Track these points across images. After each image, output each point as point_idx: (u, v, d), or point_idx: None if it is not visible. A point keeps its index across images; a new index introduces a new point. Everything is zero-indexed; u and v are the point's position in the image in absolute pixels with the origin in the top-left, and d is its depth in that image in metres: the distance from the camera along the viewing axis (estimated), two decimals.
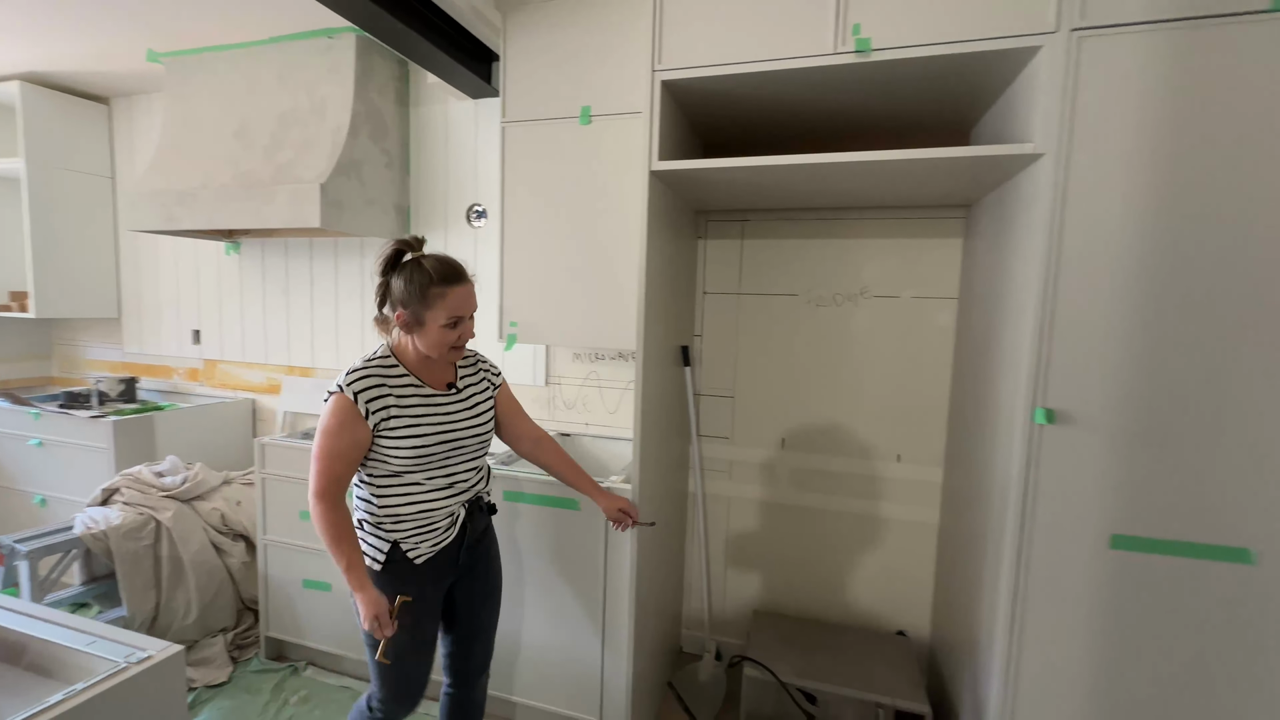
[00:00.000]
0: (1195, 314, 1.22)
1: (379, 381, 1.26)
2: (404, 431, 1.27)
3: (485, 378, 1.46)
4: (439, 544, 1.33)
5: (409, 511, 1.30)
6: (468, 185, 2.46)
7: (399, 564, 1.30)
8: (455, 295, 1.26)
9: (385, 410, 1.25)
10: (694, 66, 1.50)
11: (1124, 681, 1.31)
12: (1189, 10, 1.18)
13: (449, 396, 1.35)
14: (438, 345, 1.28)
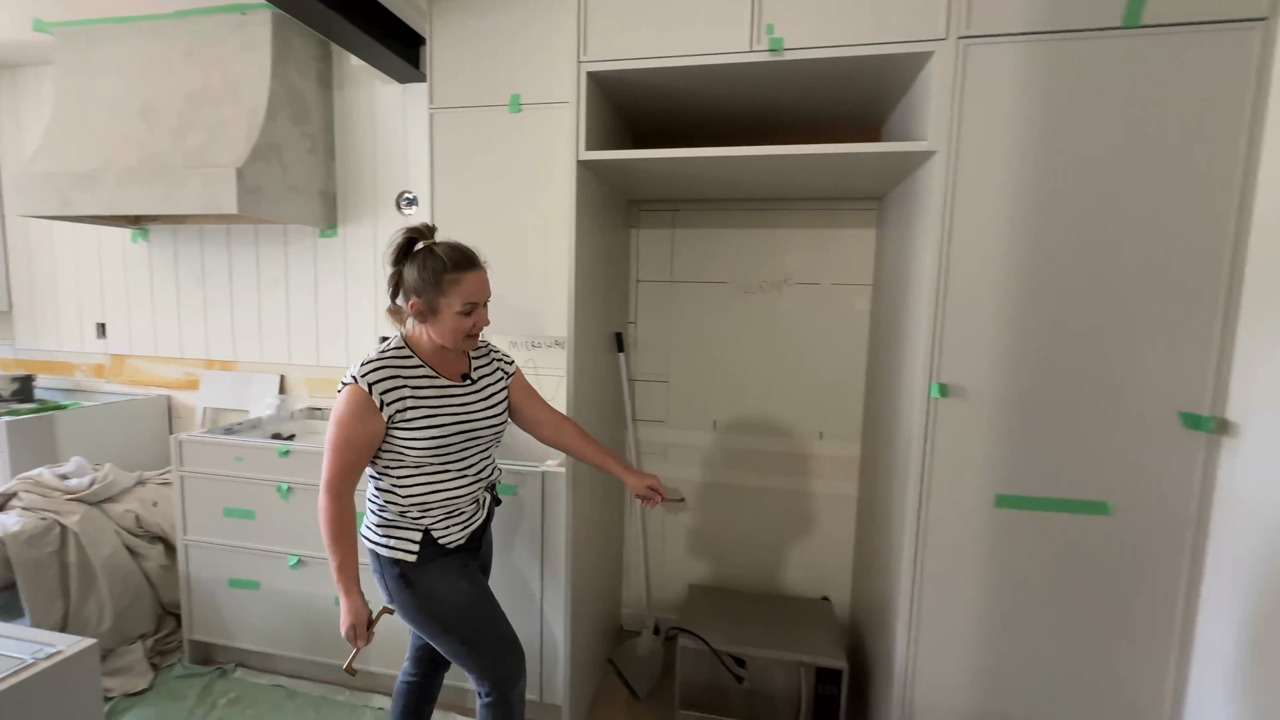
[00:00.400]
0: (1063, 297, 1.37)
1: (394, 373, 1.24)
2: (421, 423, 1.24)
3: (499, 368, 1.44)
4: (468, 527, 1.35)
5: (436, 499, 1.30)
6: (397, 172, 2.41)
7: (434, 549, 1.30)
8: (470, 281, 1.25)
9: (401, 402, 1.23)
10: (618, 59, 1.54)
11: (1009, 622, 1.47)
12: (1057, 25, 1.32)
13: (464, 388, 1.33)
14: (453, 333, 1.26)
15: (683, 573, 2.35)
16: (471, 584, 1.32)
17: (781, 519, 2.26)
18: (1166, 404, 1.34)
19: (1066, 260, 1.37)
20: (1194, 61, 1.27)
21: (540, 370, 2.36)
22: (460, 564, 1.33)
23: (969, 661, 1.50)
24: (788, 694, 1.84)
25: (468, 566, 1.35)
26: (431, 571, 1.28)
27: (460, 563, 1.33)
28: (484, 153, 1.95)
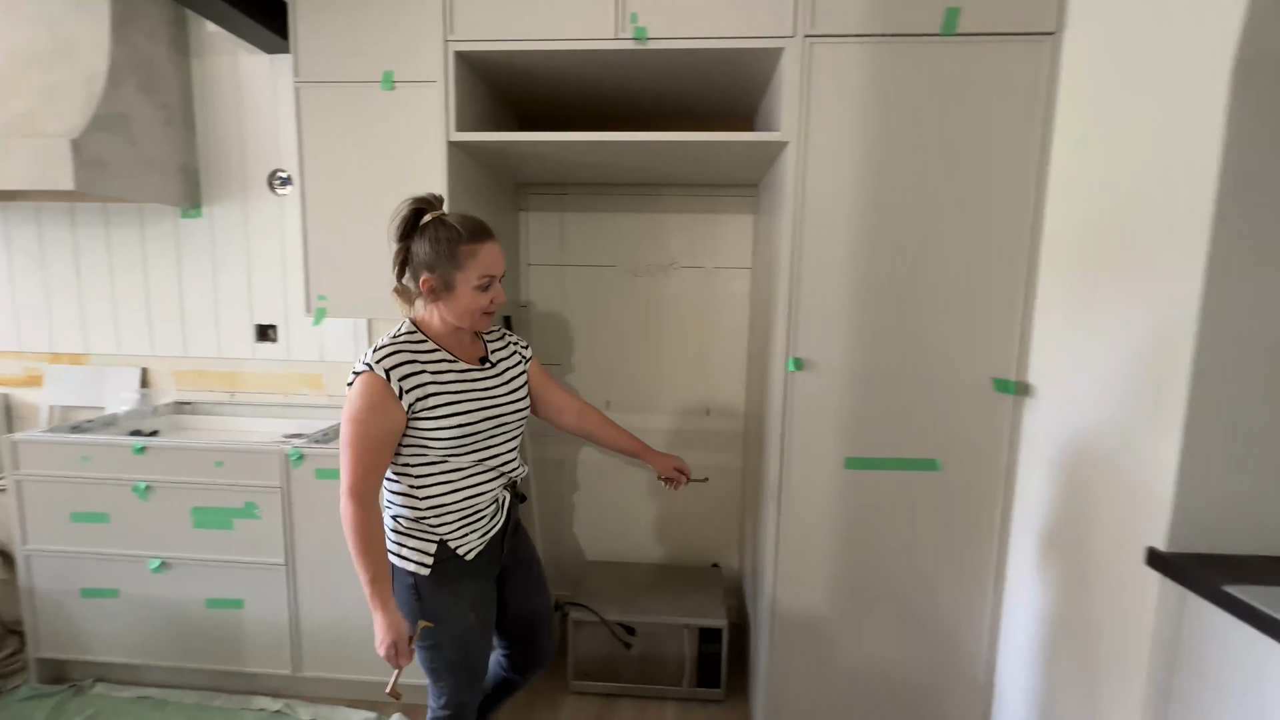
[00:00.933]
0: (898, 278, 1.52)
1: (411, 357, 1.14)
2: (445, 410, 1.14)
3: (515, 351, 1.35)
4: (487, 534, 1.23)
5: (453, 501, 1.18)
6: (268, 149, 2.27)
7: (449, 563, 1.19)
8: (487, 252, 1.16)
9: (422, 389, 1.13)
10: (486, 40, 1.53)
11: (858, 570, 1.63)
12: (888, 29, 1.45)
13: (484, 371, 1.24)
14: (469, 310, 1.17)
15: (582, 551, 2.40)
16: (478, 617, 1.25)
17: (674, 493, 2.36)
18: (982, 371, 1.53)
19: (900, 245, 1.52)
20: (999, 66, 1.44)
21: None
22: (476, 590, 1.24)
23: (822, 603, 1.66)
24: (675, 656, 1.95)
25: (483, 594, 1.26)
26: (445, 595, 1.19)
27: (476, 587, 1.24)
28: (357, 131, 1.87)
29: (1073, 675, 1.32)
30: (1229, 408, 1.04)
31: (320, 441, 1.88)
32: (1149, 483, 1.12)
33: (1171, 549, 1.08)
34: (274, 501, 1.80)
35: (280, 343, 2.35)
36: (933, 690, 1.66)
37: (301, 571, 1.82)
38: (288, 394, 2.38)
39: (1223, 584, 0.95)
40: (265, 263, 2.31)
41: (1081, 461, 1.31)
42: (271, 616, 1.85)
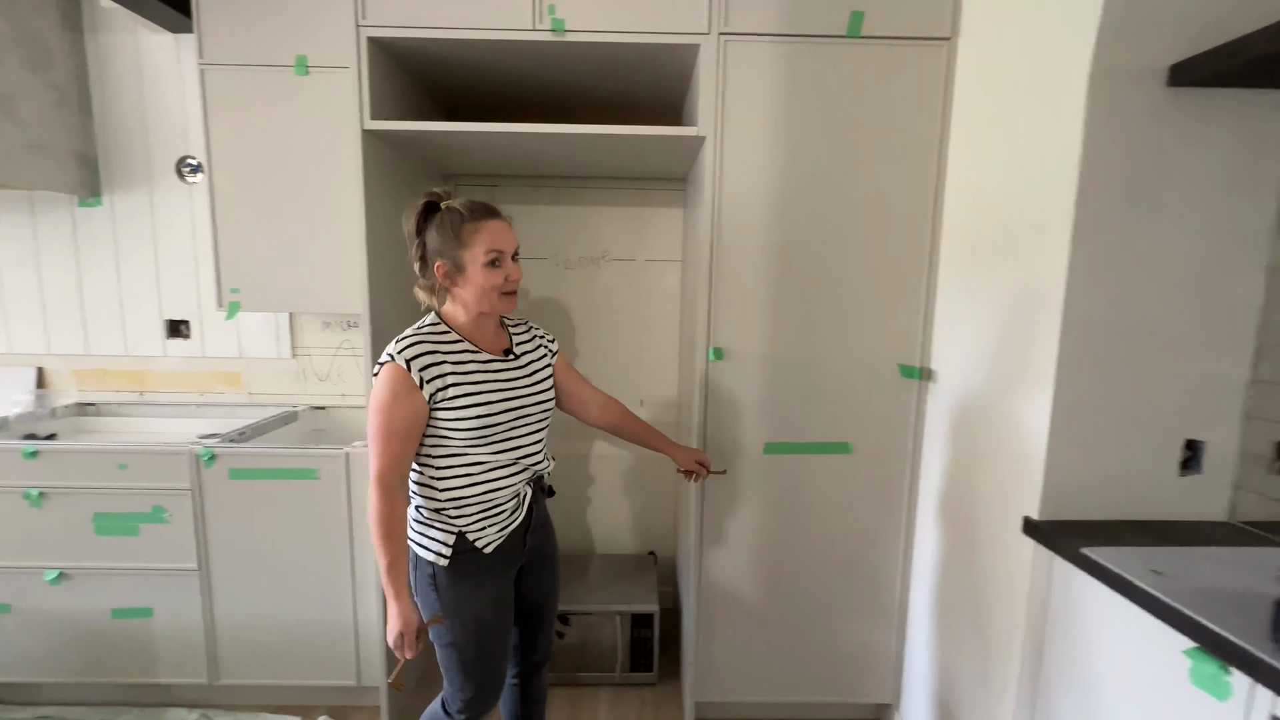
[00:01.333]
0: (810, 270, 1.59)
1: (432, 348, 1.14)
2: (466, 401, 1.14)
3: (541, 344, 1.34)
4: (506, 528, 1.22)
5: (473, 494, 1.18)
6: (176, 134, 2.14)
7: (468, 555, 1.19)
8: (492, 228, 1.16)
9: (442, 379, 1.13)
10: (400, 26, 1.50)
11: (780, 550, 1.70)
12: (798, 30, 1.50)
13: (508, 363, 1.23)
14: (485, 291, 1.16)
15: None
16: (495, 614, 1.24)
17: (612, 484, 2.39)
18: (889, 358, 1.62)
19: (813, 238, 1.58)
20: (901, 69, 1.52)
21: (360, 352, 2.26)
22: (493, 586, 1.23)
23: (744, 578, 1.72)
24: (609, 643, 1.98)
25: (500, 591, 1.25)
26: (462, 588, 1.19)
27: (493, 583, 1.23)
28: (270, 117, 1.81)
29: (967, 636, 1.42)
30: (1088, 387, 1.14)
31: (236, 440, 1.81)
32: (1026, 457, 1.22)
33: (1043, 517, 1.18)
34: (184, 505, 1.72)
35: (194, 339, 2.24)
36: (852, 659, 1.75)
37: (216, 576, 1.75)
38: (204, 393, 2.27)
39: (1081, 547, 1.05)
40: (175, 255, 2.19)
41: (973, 440, 1.41)
42: (184, 624, 1.77)
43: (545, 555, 1.37)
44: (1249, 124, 1.08)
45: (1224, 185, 1.09)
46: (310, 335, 2.24)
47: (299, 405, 2.23)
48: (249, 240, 1.86)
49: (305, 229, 1.86)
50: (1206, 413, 1.16)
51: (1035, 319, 1.20)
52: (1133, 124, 1.08)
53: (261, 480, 1.72)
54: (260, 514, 1.73)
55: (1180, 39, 1.05)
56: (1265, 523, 1.13)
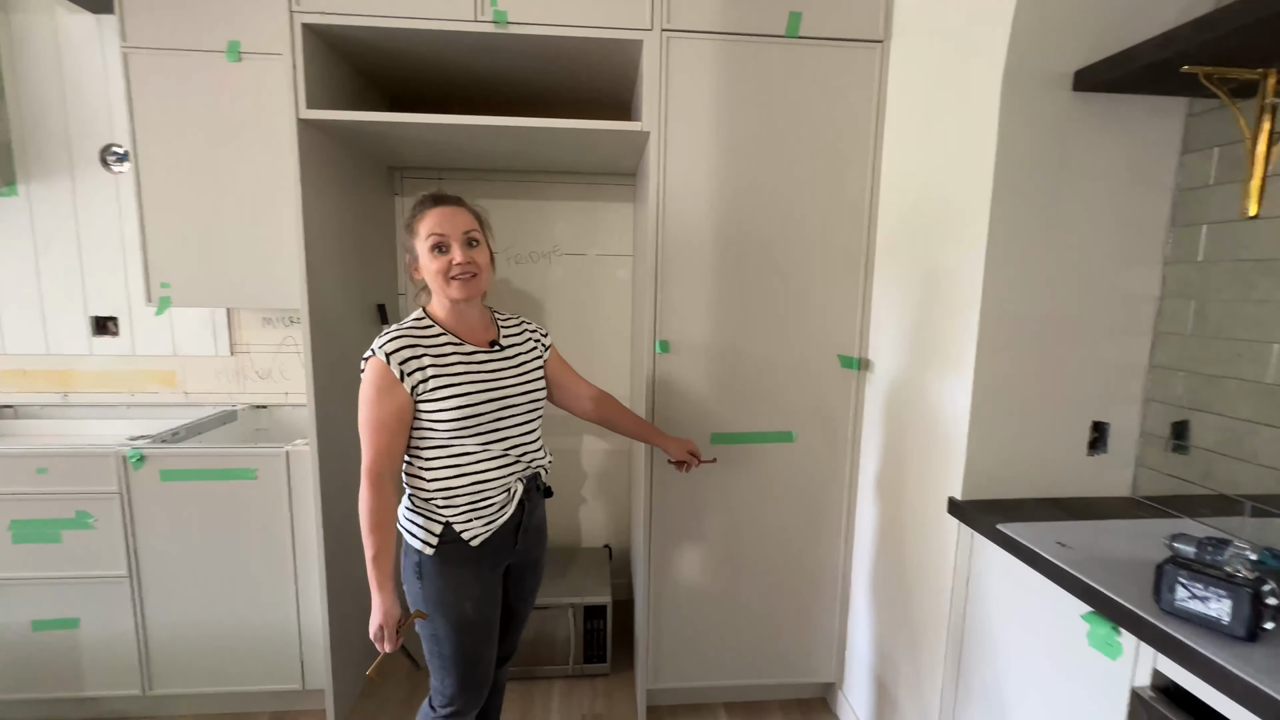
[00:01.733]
0: (753, 263, 1.63)
1: (413, 342, 1.16)
2: (447, 392, 1.16)
3: (531, 339, 1.35)
4: (493, 522, 1.21)
5: (461, 485, 1.19)
6: (99, 121, 2.04)
7: (453, 546, 1.19)
8: (434, 214, 1.18)
9: (422, 371, 1.15)
10: (336, 13, 1.46)
11: (727, 537, 1.74)
12: (739, 28, 1.53)
13: (492, 354, 1.24)
14: (433, 276, 1.18)
15: None
16: (478, 611, 1.23)
17: (568, 477, 2.39)
18: (829, 350, 1.68)
19: (755, 232, 1.62)
20: (838, 69, 1.57)
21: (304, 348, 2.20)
22: (479, 580, 1.22)
23: (693, 563, 1.76)
24: (563, 636, 1.99)
25: (486, 586, 1.24)
26: (446, 577, 1.19)
27: (479, 578, 1.22)
28: (203, 105, 1.74)
29: (900, 613, 1.49)
30: (1004, 373, 1.21)
31: (169, 441, 1.74)
32: (950, 441, 1.28)
33: (965, 497, 1.25)
34: (111, 509, 1.64)
35: (123, 336, 2.13)
36: (797, 641, 1.81)
37: (148, 582, 1.68)
38: (135, 393, 2.17)
39: (998, 523, 1.12)
40: (101, 248, 2.08)
41: (904, 426, 1.48)
42: (114, 634, 1.69)
43: (533, 560, 1.36)
44: (1143, 127, 1.16)
45: (1123, 183, 1.18)
46: (250, 332, 2.17)
47: (239, 405, 2.15)
48: (181, 233, 1.79)
49: (242, 221, 1.80)
50: (1111, 396, 1.25)
51: (957, 309, 1.26)
52: (1042, 125, 1.15)
53: (196, 482, 1.66)
54: (195, 517, 1.67)
55: (1083, 47, 1.12)
56: (1163, 497, 1.22)
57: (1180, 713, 0.78)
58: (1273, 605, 0.74)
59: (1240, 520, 1.07)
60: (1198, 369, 1.16)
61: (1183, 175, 1.18)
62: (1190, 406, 1.17)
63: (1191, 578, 0.78)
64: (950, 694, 1.27)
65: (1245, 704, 0.69)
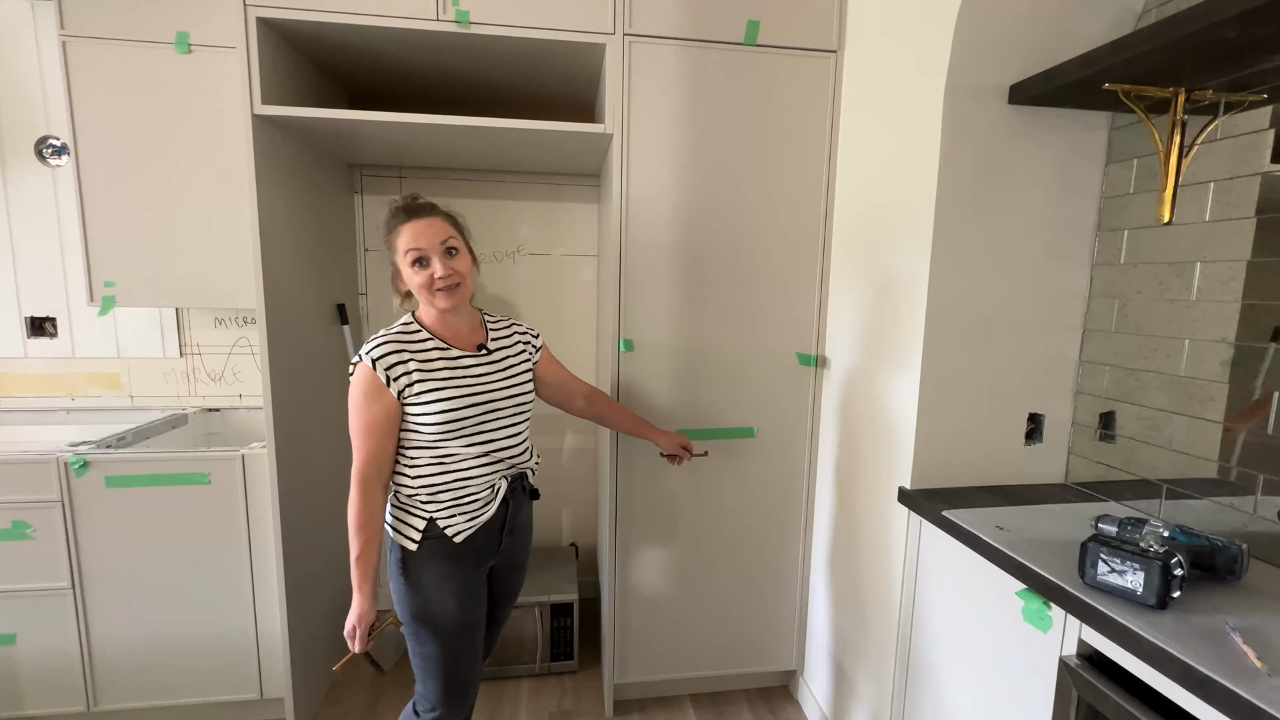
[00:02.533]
0: (714, 264, 1.67)
1: (399, 348, 1.17)
2: (431, 397, 1.17)
3: (519, 342, 1.36)
4: (476, 518, 1.23)
5: (444, 482, 1.20)
6: (35, 112, 1.94)
7: (436, 542, 1.20)
8: (410, 229, 1.18)
9: (408, 376, 1.17)
10: (294, 9, 1.44)
11: (691, 531, 1.78)
12: (699, 35, 1.57)
13: (478, 358, 1.25)
14: (419, 289, 1.19)
15: None
16: (461, 609, 1.23)
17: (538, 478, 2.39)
18: (788, 348, 1.73)
19: (716, 233, 1.66)
20: (795, 76, 1.62)
21: (259, 349, 2.14)
22: (462, 578, 1.23)
23: (658, 561, 1.79)
24: (531, 635, 1.99)
25: (469, 585, 1.24)
26: (429, 574, 1.20)
27: (463, 576, 1.23)
28: (148, 97, 1.68)
29: (855, 600, 1.56)
30: (949, 368, 1.28)
31: (114, 446, 1.67)
32: (900, 434, 1.35)
33: (914, 486, 1.31)
34: (51, 518, 1.57)
35: (62, 338, 2.04)
36: (759, 630, 1.86)
37: (92, 594, 1.61)
38: (75, 396, 2.07)
39: (943, 510, 1.18)
40: (37, 245, 1.99)
41: (858, 420, 1.55)
42: (55, 649, 1.62)
43: (516, 563, 1.38)
44: (1072, 138, 1.25)
45: (1054, 190, 1.26)
46: (201, 333, 2.10)
47: (189, 408, 2.08)
48: (126, 229, 1.72)
49: (193, 218, 1.75)
50: (1045, 389, 1.33)
51: (906, 307, 1.33)
52: (980, 135, 1.22)
53: (144, 488, 1.60)
54: (144, 524, 1.61)
55: (1017, 63, 1.20)
56: (1092, 482, 1.32)
57: (1102, 678, 0.85)
58: (1179, 575, 0.82)
59: (1158, 502, 1.16)
60: (1121, 363, 1.25)
61: (1107, 184, 1.28)
62: (1115, 398, 1.27)
63: (1110, 553, 0.86)
64: (902, 675, 1.34)
65: (1154, 664, 0.76)
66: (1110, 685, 0.83)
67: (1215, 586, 0.89)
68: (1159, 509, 1.15)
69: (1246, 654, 0.73)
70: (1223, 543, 0.91)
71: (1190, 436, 1.13)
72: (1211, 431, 1.11)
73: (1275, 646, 0.75)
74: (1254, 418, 1.04)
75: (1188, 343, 1.13)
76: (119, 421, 1.93)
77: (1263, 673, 0.69)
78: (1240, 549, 0.90)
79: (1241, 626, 0.78)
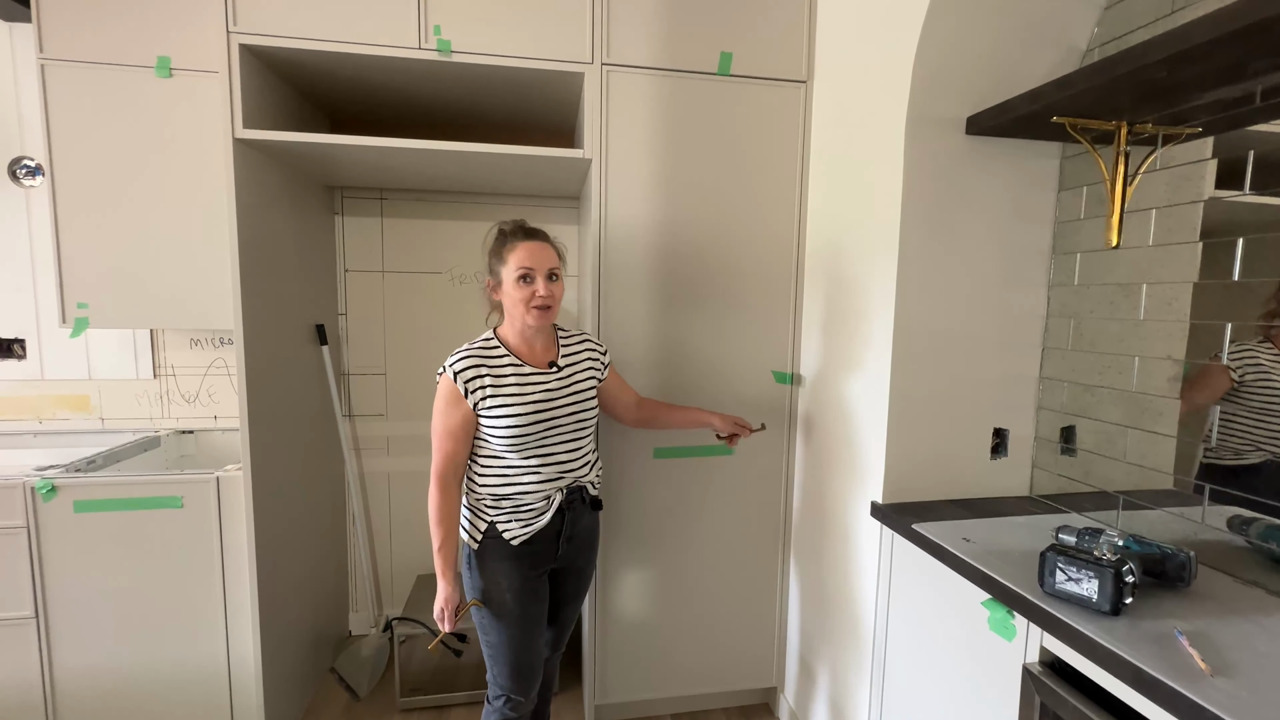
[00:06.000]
0: (693, 285, 1.71)
1: (478, 362, 1.29)
2: (500, 412, 1.27)
3: (589, 357, 1.42)
4: (530, 525, 1.32)
5: (505, 492, 1.31)
6: (8, 133, 1.93)
7: (495, 542, 1.32)
8: (525, 248, 1.29)
9: (482, 390, 1.27)
10: (277, 36, 1.47)
11: (671, 549, 1.79)
12: (674, 65, 1.63)
13: (548, 375, 1.34)
14: (515, 303, 1.29)
15: (412, 566, 2.33)
16: (519, 605, 1.33)
17: None
18: (764, 366, 1.77)
19: (693, 255, 1.70)
20: (766, 106, 1.69)
21: (234, 370, 2.12)
22: (520, 577, 1.33)
23: (644, 575, 1.80)
24: None
25: (527, 582, 1.34)
26: (490, 570, 1.32)
27: (521, 574, 1.33)
28: (127, 120, 1.69)
29: (831, 614, 1.58)
30: (916, 386, 1.33)
31: (83, 470, 1.64)
32: (871, 450, 1.39)
33: (886, 501, 1.35)
34: (16, 545, 1.53)
35: (30, 359, 2.00)
36: (739, 649, 1.87)
37: (57, 623, 1.57)
38: (43, 419, 2.03)
39: (913, 523, 1.22)
40: (6, 265, 1.96)
41: (832, 437, 1.58)
42: (16, 681, 1.57)
43: (577, 568, 1.46)
44: (1026, 166, 1.32)
45: (1010, 215, 1.33)
46: (175, 354, 2.08)
47: (162, 430, 2.05)
48: (100, 251, 1.71)
49: (169, 240, 1.75)
50: (1008, 405, 1.39)
51: (875, 327, 1.38)
52: (941, 162, 1.29)
53: (114, 513, 1.57)
54: (113, 550, 1.58)
55: (975, 95, 1.27)
56: (1055, 495, 1.36)
57: (1063, 684, 0.88)
58: (1131, 582, 0.86)
59: (1115, 513, 1.21)
60: (1078, 379, 1.31)
61: (1059, 209, 1.35)
62: (1074, 413, 1.32)
63: (1067, 562, 0.89)
64: (878, 687, 1.36)
65: (1108, 669, 0.79)
66: (1070, 691, 0.86)
67: (1165, 593, 0.94)
68: (1116, 519, 1.20)
69: (1192, 656, 0.76)
70: (1172, 550, 0.95)
71: (1143, 449, 1.18)
72: (1163, 444, 1.16)
73: (1219, 649, 0.79)
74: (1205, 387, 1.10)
75: (1137, 360, 1.19)
76: (89, 444, 1.90)
77: (1206, 674, 0.73)
78: (1189, 556, 0.94)
79: (1189, 630, 0.82)
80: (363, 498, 2.24)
